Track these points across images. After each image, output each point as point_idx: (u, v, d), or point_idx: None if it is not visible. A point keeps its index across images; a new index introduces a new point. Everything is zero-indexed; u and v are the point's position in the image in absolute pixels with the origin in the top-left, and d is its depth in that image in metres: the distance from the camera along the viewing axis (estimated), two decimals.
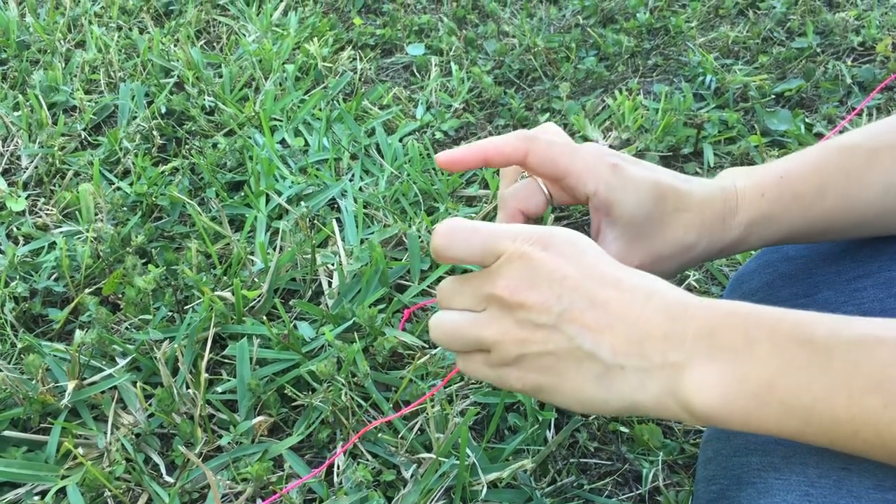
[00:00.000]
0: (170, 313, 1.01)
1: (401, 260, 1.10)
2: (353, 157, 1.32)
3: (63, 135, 1.35)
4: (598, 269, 0.44)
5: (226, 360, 0.96)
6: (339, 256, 1.09)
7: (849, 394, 0.37)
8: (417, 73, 1.59)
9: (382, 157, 1.31)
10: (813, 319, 0.40)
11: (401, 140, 1.36)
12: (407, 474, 0.82)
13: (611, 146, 1.32)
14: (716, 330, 0.41)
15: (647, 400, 0.42)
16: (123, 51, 1.61)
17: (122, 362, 0.92)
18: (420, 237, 1.10)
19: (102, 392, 0.90)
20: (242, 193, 1.22)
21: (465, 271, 0.94)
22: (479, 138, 1.37)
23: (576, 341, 0.43)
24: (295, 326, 0.99)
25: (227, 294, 1.00)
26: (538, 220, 0.57)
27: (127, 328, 1.00)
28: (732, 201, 0.52)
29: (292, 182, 1.23)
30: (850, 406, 0.37)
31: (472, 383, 0.91)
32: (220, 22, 1.75)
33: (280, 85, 1.50)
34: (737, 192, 0.53)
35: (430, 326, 0.50)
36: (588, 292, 0.43)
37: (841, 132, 1.20)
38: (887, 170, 0.51)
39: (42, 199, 1.24)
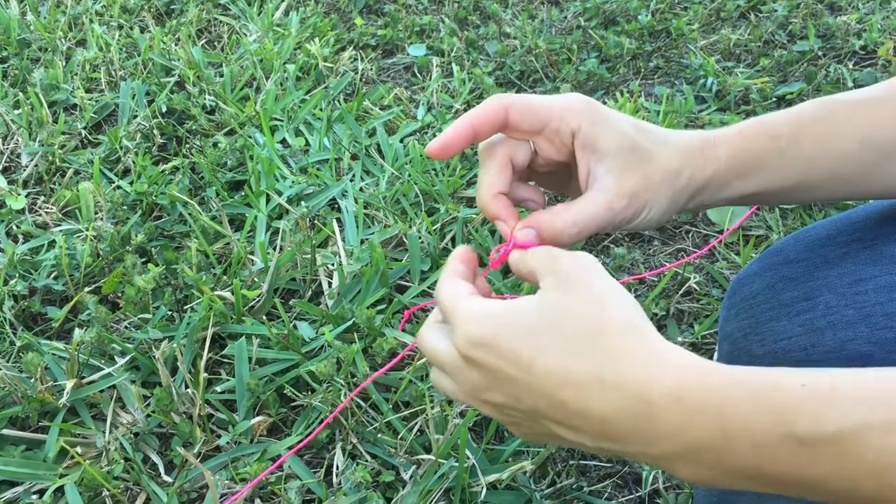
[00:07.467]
0: (169, 312, 1.01)
1: (401, 260, 1.09)
2: (354, 157, 1.32)
3: (63, 133, 1.35)
4: (542, 365, 0.43)
5: (225, 360, 0.96)
6: (340, 257, 1.09)
7: (841, 478, 0.36)
8: (419, 74, 1.59)
9: (383, 157, 1.31)
10: (791, 402, 0.38)
11: (402, 141, 1.36)
12: (406, 475, 0.82)
13: None
14: (688, 429, 0.40)
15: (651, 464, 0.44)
16: (124, 49, 1.61)
17: (121, 361, 0.92)
18: (420, 238, 1.10)
19: (101, 391, 0.90)
20: (243, 193, 1.22)
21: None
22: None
23: (558, 433, 0.44)
24: (294, 326, 0.98)
25: (226, 293, 1.00)
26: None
27: (126, 327, 0.99)
28: (710, 138, 0.54)
29: (293, 182, 1.23)
30: (843, 487, 0.36)
31: None
32: (221, 21, 1.75)
33: (281, 85, 1.50)
34: (715, 132, 0.55)
35: None
36: (542, 392, 0.43)
37: None
38: (864, 123, 0.52)
39: (42, 198, 1.24)
